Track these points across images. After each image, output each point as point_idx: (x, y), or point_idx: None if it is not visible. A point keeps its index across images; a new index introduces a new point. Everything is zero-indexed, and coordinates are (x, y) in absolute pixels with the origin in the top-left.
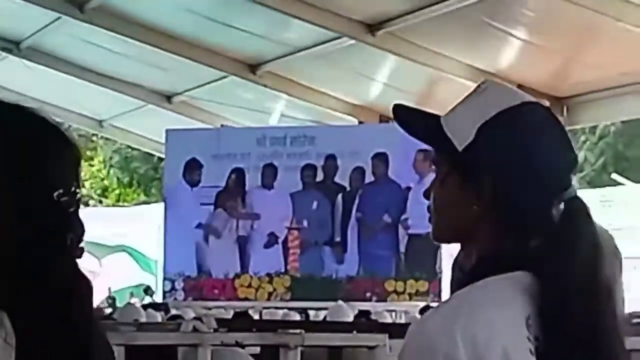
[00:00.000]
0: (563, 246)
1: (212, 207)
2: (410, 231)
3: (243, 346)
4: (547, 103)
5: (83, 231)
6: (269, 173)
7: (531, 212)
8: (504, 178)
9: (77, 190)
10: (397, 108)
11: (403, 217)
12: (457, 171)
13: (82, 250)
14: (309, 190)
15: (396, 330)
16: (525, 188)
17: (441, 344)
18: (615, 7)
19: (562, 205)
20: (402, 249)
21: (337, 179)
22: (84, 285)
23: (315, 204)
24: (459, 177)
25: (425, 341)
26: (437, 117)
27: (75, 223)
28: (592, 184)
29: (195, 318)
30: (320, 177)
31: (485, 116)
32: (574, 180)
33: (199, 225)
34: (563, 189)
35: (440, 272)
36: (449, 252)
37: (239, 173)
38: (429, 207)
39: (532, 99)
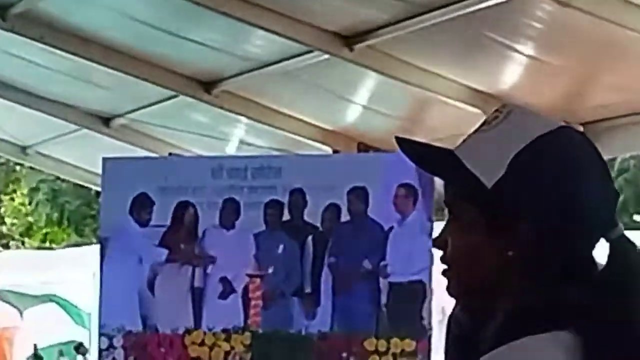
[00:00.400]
0: (613, 298)
1: (162, 249)
2: (390, 279)
3: None
4: (580, 128)
5: None
6: (230, 209)
7: (576, 258)
8: (543, 218)
9: None
10: (401, 141)
11: (382, 263)
12: (486, 212)
13: None
14: (273, 231)
15: None
16: (570, 229)
17: None
18: (638, 17)
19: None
20: (384, 300)
21: (306, 217)
22: None
23: (281, 248)
24: (489, 219)
25: None
26: (449, 150)
27: None
28: None
29: None
30: (287, 215)
31: (516, 146)
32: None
33: (149, 272)
34: (609, 228)
35: (430, 329)
36: (440, 304)
37: (190, 208)
38: (442, 258)
39: (564, 123)
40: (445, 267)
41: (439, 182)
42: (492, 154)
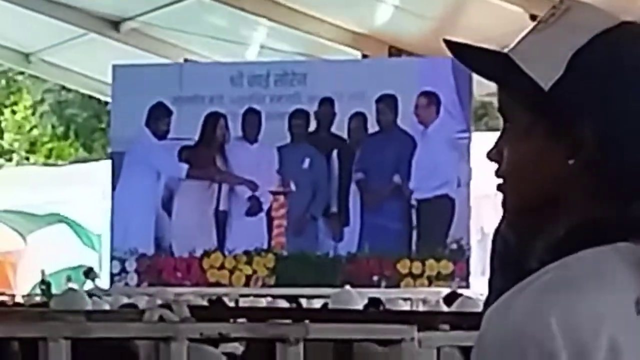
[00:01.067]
0: None
1: (184, 165)
2: (416, 195)
3: (228, 340)
4: None
5: None
6: (252, 121)
7: None
8: (608, 121)
9: None
10: (451, 44)
11: (410, 177)
12: (545, 117)
13: None
14: (298, 144)
15: (424, 321)
16: (635, 137)
17: (533, 334)
18: None
19: None
20: (415, 219)
21: (334, 129)
22: None
23: (307, 162)
24: (547, 125)
25: (512, 332)
26: (503, 52)
27: None
28: None
29: (162, 305)
30: (313, 126)
31: (577, 43)
32: None
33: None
34: None
35: (468, 249)
36: (479, 223)
37: (217, 120)
38: (497, 172)
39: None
40: (500, 180)
41: (477, 89)
42: (549, 54)
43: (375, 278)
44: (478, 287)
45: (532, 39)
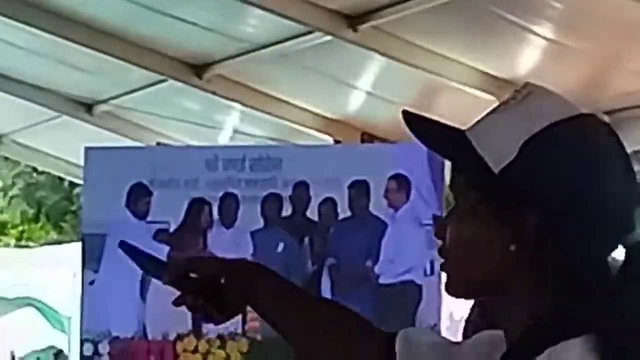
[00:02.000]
0: (631, 304)
1: (165, 246)
2: (381, 281)
3: None
4: (605, 118)
5: None
6: (229, 205)
7: (587, 260)
8: (554, 210)
9: None
10: (409, 116)
11: (377, 263)
12: (490, 199)
13: None
14: (271, 228)
15: None
16: (582, 227)
17: None
18: None
19: (622, 253)
20: (381, 305)
21: (308, 214)
22: None
23: (280, 246)
24: (492, 208)
25: None
26: (460, 130)
27: None
28: None
29: None
30: (287, 210)
31: (530, 129)
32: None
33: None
34: (626, 232)
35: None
36: (447, 309)
37: (202, 206)
38: (440, 251)
39: (588, 111)
40: (442, 260)
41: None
42: (504, 137)
43: None
44: None
45: (490, 119)
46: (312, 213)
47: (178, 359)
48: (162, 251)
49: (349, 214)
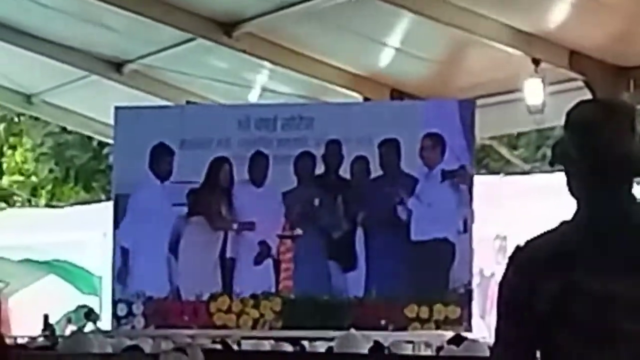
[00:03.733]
0: None
1: (184, 208)
2: (414, 237)
3: None
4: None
5: None
6: (259, 164)
7: None
8: None
9: None
10: None
11: (412, 220)
12: None
13: None
14: (306, 187)
15: None
16: None
17: None
18: None
19: None
20: (418, 262)
21: (341, 172)
22: None
23: (314, 205)
24: None
25: None
26: None
27: None
28: None
29: (175, 349)
30: (320, 169)
31: None
32: None
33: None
34: None
35: (472, 293)
36: (477, 265)
37: (223, 165)
38: None
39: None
40: None
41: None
42: None
43: (382, 322)
44: (478, 330)
45: None
46: (345, 172)
47: (212, 318)
48: (181, 211)
49: (380, 172)
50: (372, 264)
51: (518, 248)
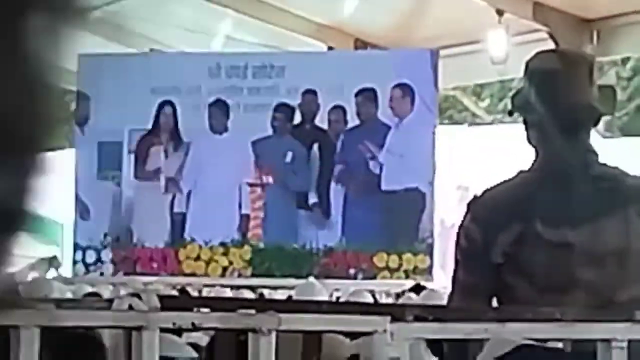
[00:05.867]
0: None
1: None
2: (387, 187)
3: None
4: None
5: None
6: (219, 112)
7: None
8: None
9: None
10: None
11: (384, 170)
12: None
13: None
14: (281, 137)
15: (392, 313)
16: None
17: None
18: None
19: None
20: (389, 211)
21: (317, 122)
22: None
23: (289, 155)
24: None
25: None
26: None
27: None
28: (625, 131)
29: (131, 294)
30: (297, 119)
31: None
32: None
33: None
34: None
35: (432, 241)
36: (438, 215)
37: (167, 108)
38: None
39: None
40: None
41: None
42: None
43: (351, 271)
44: (439, 280)
45: None
46: (321, 121)
47: (181, 266)
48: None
49: (357, 122)
50: (343, 214)
51: (475, 197)
